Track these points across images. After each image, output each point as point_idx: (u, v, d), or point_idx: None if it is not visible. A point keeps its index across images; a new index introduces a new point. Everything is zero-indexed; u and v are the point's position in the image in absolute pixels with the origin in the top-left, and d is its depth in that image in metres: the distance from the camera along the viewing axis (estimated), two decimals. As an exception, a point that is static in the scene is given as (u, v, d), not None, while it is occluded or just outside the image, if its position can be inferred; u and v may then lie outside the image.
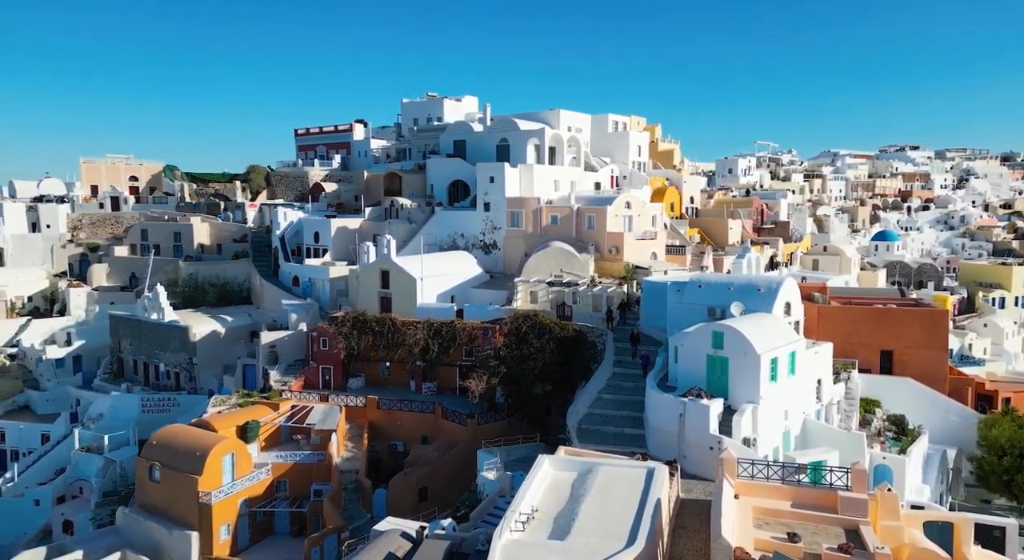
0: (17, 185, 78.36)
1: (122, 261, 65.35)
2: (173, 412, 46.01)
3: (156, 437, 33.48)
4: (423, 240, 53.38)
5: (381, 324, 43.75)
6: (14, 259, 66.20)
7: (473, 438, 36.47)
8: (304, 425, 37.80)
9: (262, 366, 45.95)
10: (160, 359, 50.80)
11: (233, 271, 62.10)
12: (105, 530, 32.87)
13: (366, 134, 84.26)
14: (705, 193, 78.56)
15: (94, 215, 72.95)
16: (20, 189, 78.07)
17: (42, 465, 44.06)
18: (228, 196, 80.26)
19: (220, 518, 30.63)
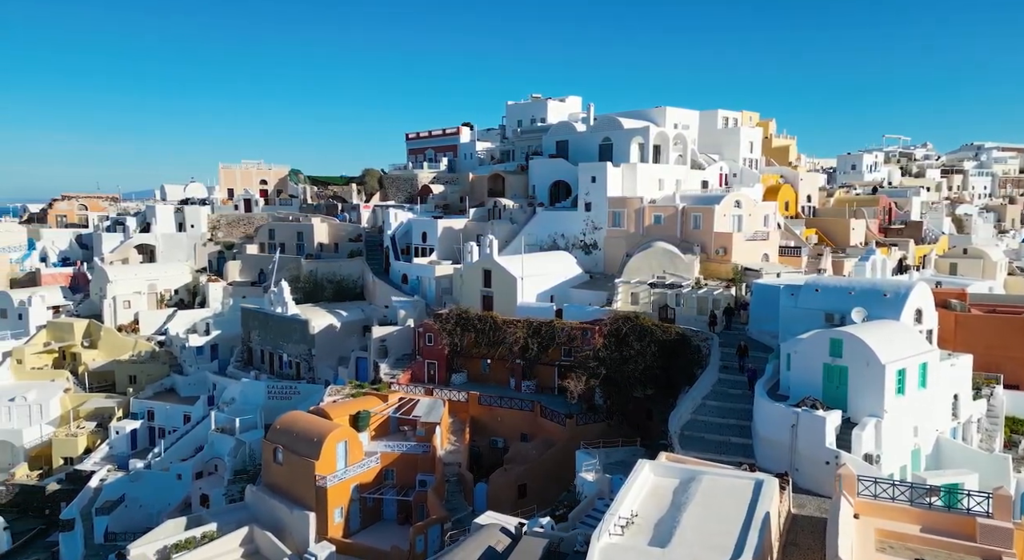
0: (167, 189, 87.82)
1: (252, 258, 71.36)
2: (294, 399, 49.56)
3: (279, 422, 36.20)
4: (524, 240, 54.01)
5: (483, 322, 44.75)
6: (164, 255, 74.25)
7: (572, 438, 36.45)
8: (410, 417, 39.46)
9: (373, 359, 48.43)
10: (283, 350, 54.92)
11: (348, 269, 65.97)
12: (235, 505, 36.00)
13: (472, 136, 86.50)
14: (824, 191, 73.54)
15: (230, 216, 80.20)
16: (170, 193, 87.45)
17: (184, 443, 49.02)
18: (345, 198, 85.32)
19: (334, 501, 32.66)
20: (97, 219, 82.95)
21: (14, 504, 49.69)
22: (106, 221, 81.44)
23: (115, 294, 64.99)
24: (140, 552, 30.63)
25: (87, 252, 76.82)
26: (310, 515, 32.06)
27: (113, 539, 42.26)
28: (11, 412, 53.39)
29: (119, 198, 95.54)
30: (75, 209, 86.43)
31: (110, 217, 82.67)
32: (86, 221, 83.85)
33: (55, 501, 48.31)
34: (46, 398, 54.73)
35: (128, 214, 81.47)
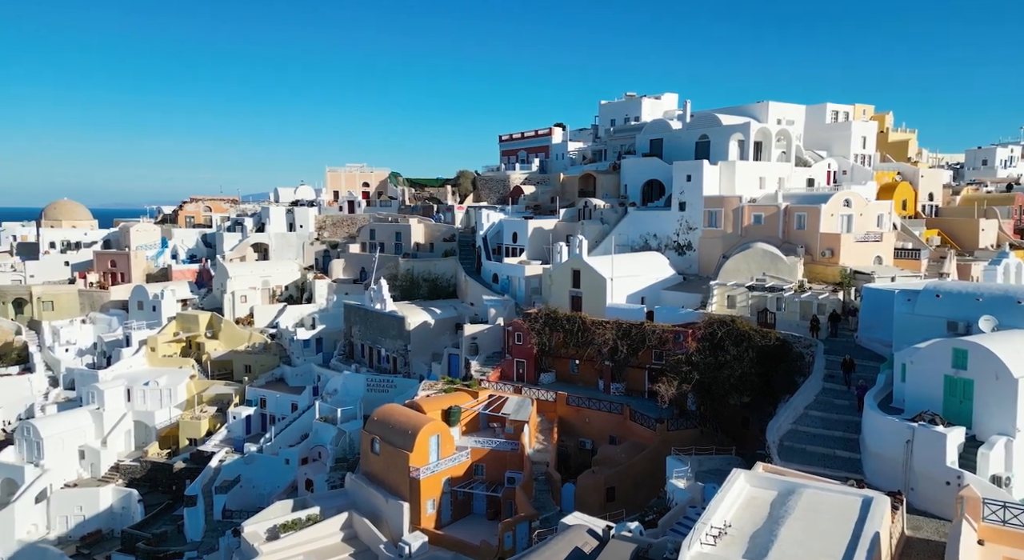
0: (280, 192, 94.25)
1: (355, 257, 75.18)
2: (391, 392, 51.69)
3: (376, 414, 37.96)
4: (614, 240, 53.37)
5: (571, 322, 44.69)
6: (276, 254, 79.78)
7: (662, 443, 35.67)
8: (499, 414, 40.14)
9: (464, 356, 49.67)
10: (381, 345, 57.45)
11: (442, 268, 68.00)
12: (336, 491, 38.11)
13: (564, 137, 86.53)
14: (949, 189, 67.32)
15: (335, 217, 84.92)
16: (282, 195, 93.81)
17: (291, 430, 52.45)
18: (440, 199, 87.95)
19: (427, 493, 33.84)
20: (219, 220, 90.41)
21: (147, 479, 55.20)
22: (227, 222, 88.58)
23: (234, 289, 70.58)
24: (253, 530, 33.15)
25: (211, 250, 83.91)
26: (404, 505, 33.37)
27: (230, 516, 46.00)
28: (145, 395, 59.32)
29: (238, 200, 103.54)
30: (201, 211, 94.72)
31: (230, 218, 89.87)
32: (210, 222, 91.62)
33: (181, 478, 53.17)
34: (174, 383, 60.35)
35: (246, 215, 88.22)
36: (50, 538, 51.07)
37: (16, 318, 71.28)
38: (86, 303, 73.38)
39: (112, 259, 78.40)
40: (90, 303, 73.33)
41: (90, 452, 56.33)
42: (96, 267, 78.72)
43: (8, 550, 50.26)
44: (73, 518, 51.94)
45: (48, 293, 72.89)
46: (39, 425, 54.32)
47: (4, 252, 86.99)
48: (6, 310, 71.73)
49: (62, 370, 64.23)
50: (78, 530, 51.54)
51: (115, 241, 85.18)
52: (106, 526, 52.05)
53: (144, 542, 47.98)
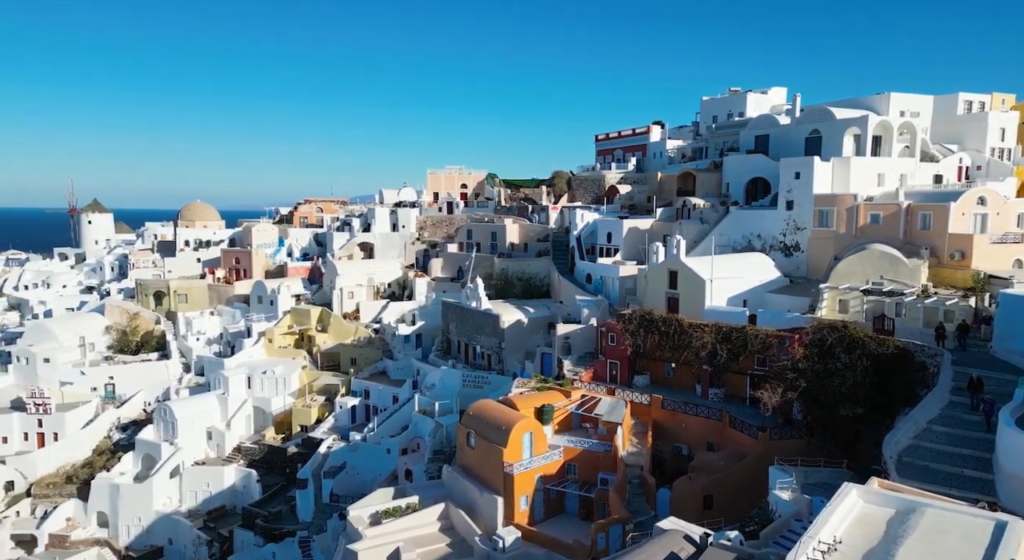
0: (385, 193, 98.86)
1: (452, 256, 77.50)
2: (485, 389, 52.89)
3: (472, 409, 38.97)
4: (715, 240, 51.57)
5: (667, 324, 43.70)
6: (380, 253, 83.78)
7: (764, 452, 34.12)
8: (592, 415, 39.99)
9: (557, 355, 49.89)
10: (477, 342, 58.88)
11: (536, 267, 68.61)
12: (434, 482, 39.55)
13: (662, 135, 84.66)
14: (1107, 182, 59.38)
15: (434, 217, 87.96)
16: (386, 197, 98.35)
17: (392, 421, 54.96)
18: (535, 199, 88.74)
19: (520, 489, 34.35)
20: (330, 220, 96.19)
21: (264, 461, 59.82)
22: (336, 222, 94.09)
23: (342, 286, 74.89)
24: (357, 514, 35.09)
25: (322, 249, 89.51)
26: (498, 499, 34.07)
27: (336, 500, 48.94)
28: (263, 383, 64.28)
29: (347, 202, 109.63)
30: (314, 212, 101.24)
31: (339, 218, 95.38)
32: (321, 222, 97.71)
33: (293, 462, 57.20)
34: (288, 373, 64.95)
35: (354, 216, 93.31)
36: (182, 511, 56.64)
37: (156, 309, 79.44)
38: (214, 296, 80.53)
39: (236, 256, 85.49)
40: (217, 296, 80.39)
41: (216, 433, 61.80)
42: (223, 263, 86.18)
43: (147, 519, 56.25)
44: (201, 493, 57.31)
45: (183, 287, 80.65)
46: (174, 407, 60.30)
47: (146, 249, 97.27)
48: (148, 302, 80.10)
49: (193, 357, 70.90)
50: (205, 505, 56.79)
51: (239, 240, 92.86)
52: (229, 503, 56.98)
53: (262, 519, 52.07)
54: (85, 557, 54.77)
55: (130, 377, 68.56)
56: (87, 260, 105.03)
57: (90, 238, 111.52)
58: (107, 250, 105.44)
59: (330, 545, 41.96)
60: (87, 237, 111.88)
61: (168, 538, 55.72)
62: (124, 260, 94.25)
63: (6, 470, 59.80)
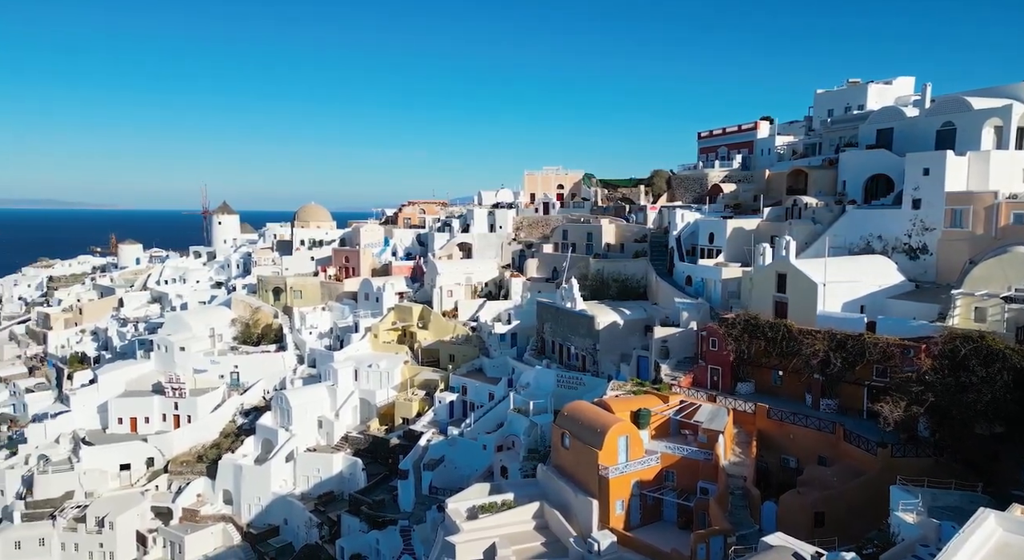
0: (483, 195, 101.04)
1: (548, 256, 77.87)
2: (579, 390, 52.71)
3: (566, 409, 38.98)
4: (829, 242, 48.38)
5: (774, 330, 41.55)
6: (478, 253, 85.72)
7: (885, 470, 31.66)
8: (692, 421, 38.81)
9: (654, 359, 48.80)
10: (571, 342, 58.78)
11: (632, 268, 67.46)
12: (529, 481, 39.94)
13: (771, 131, 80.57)
14: None
15: (530, 218, 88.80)
16: (485, 198, 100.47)
17: (488, 418, 56.05)
18: (633, 199, 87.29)
19: (616, 493, 33.98)
20: (431, 221, 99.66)
21: (368, 451, 62.95)
22: (437, 223, 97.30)
23: (441, 284, 77.34)
24: (455, 507, 36.16)
25: (423, 249, 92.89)
26: (593, 502, 33.89)
27: (435, 492, 50.64)
28: (368, 376, 67.64)
29: (447, 203, 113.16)
30: (416, 213, 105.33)
31: (440, 219, 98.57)
32: (423, 223, 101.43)
33: (395, 453, 59.77)
34: (392, 367, 67.95)
35: (453, 217, 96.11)
36: (295, 493, 60.79)
37: (274, 304, 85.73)
38: (326, 293, 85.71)
39: (346, 255, 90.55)
40: (329, 293, 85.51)
41: (326, 422, 65.80)
42: (334, 262, 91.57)
43: (266, 499, 60.85)
44: (312, 478, 61.25)
45: (298, 283, 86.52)
46: (289, 396, 64.81)
47: (267, 248, 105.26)
48: (268, 297, 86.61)
49: (307, 350, 75.88)
50: (316, 489, 60.63)
51: (348, 240, 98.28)
52: (337, 488, 60.49)
53: (366, 506, 54.85)
54: (212, 531, 60.12)
55: (252, 367, 74.47)
56: (217, 258, 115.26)
57: (220, 238, 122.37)
58: (234, 249, 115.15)
59: (429, 535, 43.49)
60: (217, 237, 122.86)
61: (284, 518, 60.01)
62: (248, 258, 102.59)
63: (147, 447, 66.82)
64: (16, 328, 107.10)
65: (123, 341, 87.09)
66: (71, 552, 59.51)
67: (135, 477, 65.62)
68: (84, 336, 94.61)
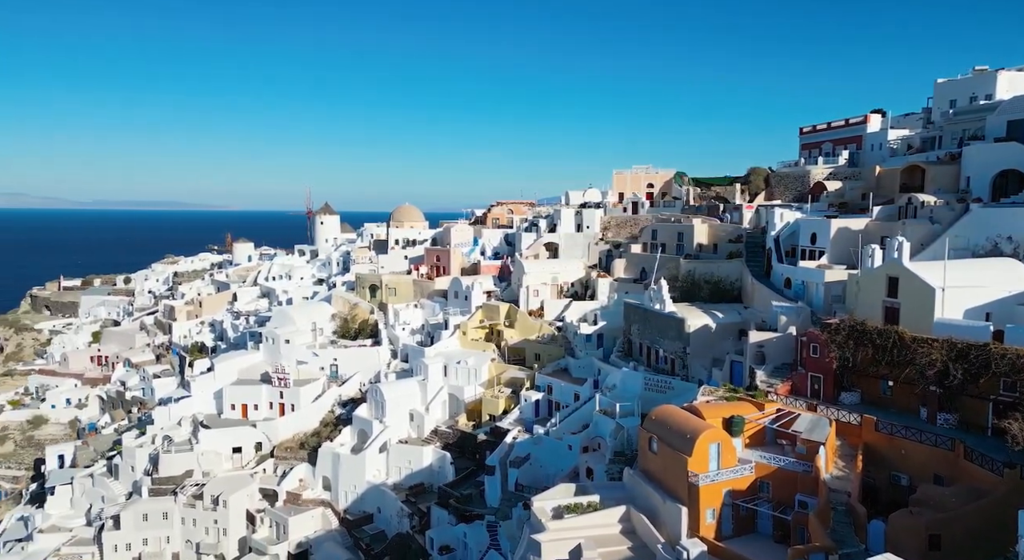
0: (570, 195, 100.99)
1: (636, 257, 76.63)
2: (668, 394, 51.52)
3: (655, 413, 38.23)
4: (949, 243, 44.44)
5: (884, 337, 38.74)
6: (565, 252, 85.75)
7: (1012, 493, 28.80)
8: (789, 431, 36.96)
9: (749, 364, 46.85)
10: (660, 345, 57.53)
11: (726, 270, 65.08)
12: (615, 484, 39.56)
13: (883, 125, 75.14)
14: None
15: (619, 218, 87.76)
16: (572, 198, 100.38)
17: (573, 418, 55.97)
18: (727, 198, 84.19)
19: (706, 501, 32.99)
20: (518, 221, 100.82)
21: (457, 445, 64.61)
22: (524, 223, 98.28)
23: (528, 284, 78.02)
24: (540, 506, 36.44)
25: (511, 248, 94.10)
26: (682, 509, 33.08)
27: (521, 489, 51.26)
28: (457, 372, 69.40)
29: (535, 203, 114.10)
30: (505, 213, 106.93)
31: (527, 220, 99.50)
32: (511, 223, 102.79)
33: (482, 448, 60.99)
34: (479, 364, 69.34)
35: (541, 217, 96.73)
36: (388, 483, 63.43)
37: (371, 301, 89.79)
38: (418, 291, 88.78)
39: (437, 254, 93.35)
40: (420, 291, 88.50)
41: (417, 415, 68.18)
42: (425, 261, 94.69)
43: (361, 488, 63.91)
44: (404, 469, 63.69)
45: (392, 281, 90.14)
46: (383, 389, 67.70)
47: (364, 247, 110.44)
48: (365, 294, 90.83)
49: (400, 345, 78.94)
50: (407, 480, 62.99)
51: (439, 239, 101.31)
52: (427, 481, 62.57)
53: (455, 500, 56.35)
54: (312, 515, 63.90)
55: (349, 360, 78.42)
56: (319, 256, 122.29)
57: (322, 237, 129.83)
58: (334, 247, 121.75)
59: (515, 532, 44.07)
60: (319, 236, 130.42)
61: (377, 506, 62.81)
62: (347, 256, 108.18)
63: (256, 433, 71.96)
64: (146, 319, 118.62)
65: (236, 333, 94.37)
66: (190, 526, 65.19)
67: (245, 460, 70.91)
68: (203, 327, 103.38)
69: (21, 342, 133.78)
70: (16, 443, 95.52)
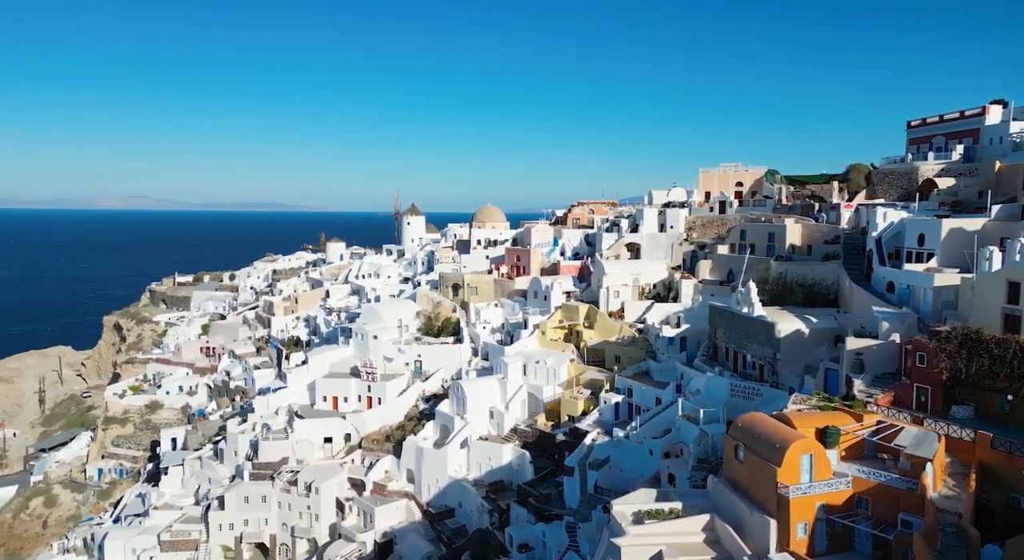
0: (653, 194, 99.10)
1: (722, 258, 74.12)
2: (756, 401, 49.54)
3: (741, 420, 36.86)
4: (1085, 245, 40.07)
5: (1003, 348, 35.49)
6: (646, 253, 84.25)
7: None
8: (891, 445, 34.62)
9: (845, 373, 44.30)
10: (747, 350, 55.40)
11: (821, 272, 61.75)
12: (699, 491, 38.46)
13: (1004, 116, 68.66)
14: None
15: (705, 217, 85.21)
16: (655, 198, 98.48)
17: (655, 423, 54.88)
18: (824, 197, 79.84)
19: (797, 515, 31.49)
20: (599, 221, 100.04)
21: (536, 444, 64.97)
22: (605, 223, 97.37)
23: (608, 285, 77.25)
24: (620, 510, 36.01)
25: (591, 249, 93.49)
26: (771, 522, 31.75)
27: (600, 492, 50.86)
28: (536, 371, 69.76)
29: (616, 203, 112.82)
30: (585, 213, 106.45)
31: (608, 220, 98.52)
32: (592, 223, 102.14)
33: (561, 449, 61.02)
34: (558, 364, 69.39)
35: (622, 217, 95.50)
36: (468, 479, 64.73)
37: (453, 299, 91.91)
38: (498, 290, 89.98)
39: (517, 254, 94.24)
40: (501, 290, 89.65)
41: (496, 413, 69.14)
42: (506, 261, 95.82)
43: (443, 482, 65.59)
44: (484, 466, 64.78)
45: (474, 280, 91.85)
46: (465, 386, 69.13)
47: (448, 247, 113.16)
48: (447, 292, 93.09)
49: (480, 343, 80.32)
50: (487, 477, 64.03)
51: (520, 239, 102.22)
52: (506, 478, 63.32)
53: (534, 499, 56.71)
54: (397, 506, 66.25)
55: (433, 356, 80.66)
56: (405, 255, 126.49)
57: (408, 237, 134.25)
58: (419, 247, 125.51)
59: (594, 535, 43.82)
60: (406, 236, 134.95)
61: (458, 501, 64.24)
62: (431, 256, 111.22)
63: (345, 424, 75.44)
64: (248, 313, 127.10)
65: (328, 328, 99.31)
66: (285, 510, 69.32)
67: (335, 450, 74.51)
68: (299, 322, 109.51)
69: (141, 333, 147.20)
70: (136, 426, 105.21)
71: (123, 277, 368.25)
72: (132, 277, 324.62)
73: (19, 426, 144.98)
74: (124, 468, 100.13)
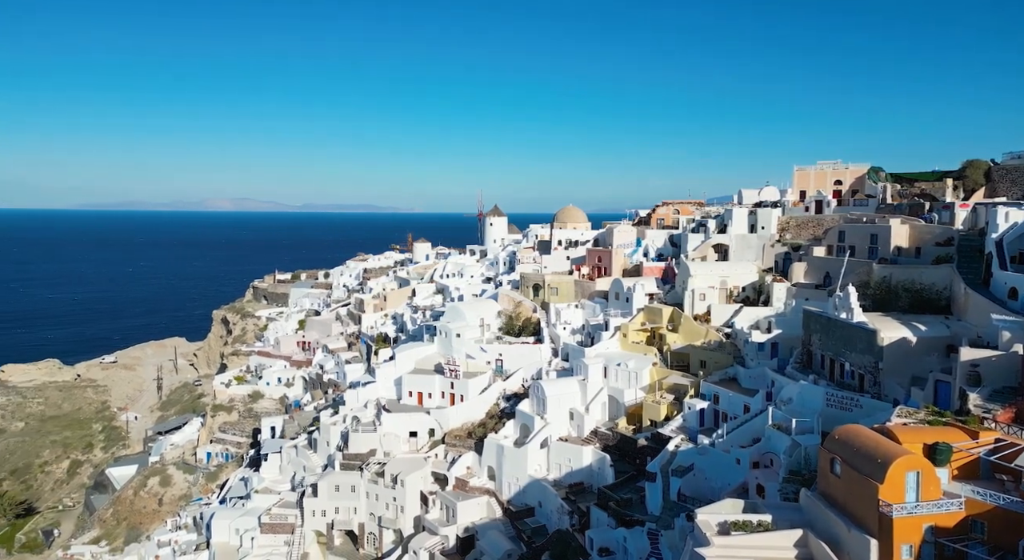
0: (744, 194, 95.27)
1: (819, 260, 70.17)
2: (855, 412, 46.70)
3: (839, 432, 34.84)
4: None
5: None
6: (735, 255, 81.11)
7: None
8: (1012, 465, 31.62)
9: (959, 385, 40.84)
10: (845, 358, 52.22)
11: (931, 276, 57.21)
12: (790, 505, 36.70)
13: None
14: None
15: (799, 218, 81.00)
16: (745, 197, 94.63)
17: (742, 431, 52.79)
18: (935, 196, 73.98)
19: (901, 535, 29.41)
20: (685, 221, 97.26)
21: (616, 448, 64.17)
22: (691, 223, 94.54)
23: (694, 287, 75.03)
24: (704, 519, 34.97)
25: (676, 249, 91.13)
26: (872, 541, 29.84)
27: (684, 500, 49.61)
28: (617, 374, 68.88)
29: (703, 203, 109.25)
30: (670, 213, 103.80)
31: (695, 220, 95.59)
32: (677, 223, 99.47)
33: (643, 454, 59.94)
34: (640, 368, 68.18)
35: (709, 217, 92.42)
36: (548, 479, 64.89)
37: (534, 299, 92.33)
38: (579, 291, 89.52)
39: (599, 255, 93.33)
40: (581, 291, 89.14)
41: (576, 415, 68.87)
42: (587, 261, 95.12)
43: (523, 481, 66.11)
44: (564, 467, 64.72)
45: (555, 281, 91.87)
46: (544, 386, 69.33)
47: (529, 248, 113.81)
48: (528, 293, 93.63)
49: (561, 344, 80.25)
50: (567, 478, 63.92)
51: (601, 240, 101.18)
52: (586, 481, 62.99)
53: (615, 503, 56.08)
54: (479, 502, 67.41)
55: (513, 356, 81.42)
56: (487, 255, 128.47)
57: (490, 238, 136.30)
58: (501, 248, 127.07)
59: (677, 543, 42.87)
60: (488, 237, 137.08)
61: (538, 501, 64.55)
62: (513, 256, 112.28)
63: (429, 419, 77.60)
64: (340, 310, 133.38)
65: (414, 325, 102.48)
66: (373, 500, 72.22)
67: (420, 444, 76.84)
68: (387, 319, 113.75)
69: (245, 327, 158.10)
70: (240, 413, 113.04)
71: (230, 274, 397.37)
72: (238, 274, 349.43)
73: (139, 410, 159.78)
74: (230, 452, 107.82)
